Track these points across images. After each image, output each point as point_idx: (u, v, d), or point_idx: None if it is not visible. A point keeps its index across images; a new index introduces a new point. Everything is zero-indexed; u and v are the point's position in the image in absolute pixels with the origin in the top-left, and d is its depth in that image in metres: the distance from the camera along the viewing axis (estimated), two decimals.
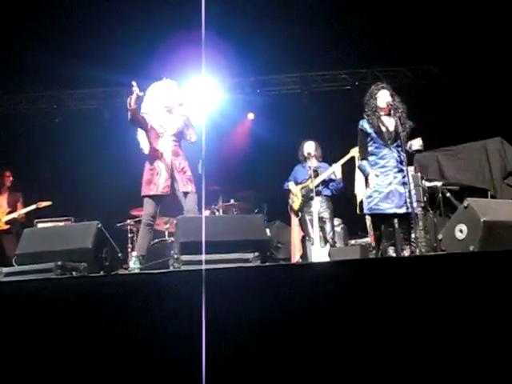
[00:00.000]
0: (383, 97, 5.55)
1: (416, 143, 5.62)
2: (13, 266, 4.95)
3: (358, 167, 5.88)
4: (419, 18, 7.89)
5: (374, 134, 5.49)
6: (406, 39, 8.24)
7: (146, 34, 8.01)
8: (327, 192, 7.12)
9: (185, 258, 4.43)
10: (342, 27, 8.19)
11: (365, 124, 5.55)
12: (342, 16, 8.04)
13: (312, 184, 6.86)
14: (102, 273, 4.73)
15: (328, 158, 7.33)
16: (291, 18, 7.98)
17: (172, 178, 5.53)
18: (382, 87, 5.63)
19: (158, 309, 3.65)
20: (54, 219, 7.66)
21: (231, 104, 9.49)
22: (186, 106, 5.78)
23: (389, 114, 5.53)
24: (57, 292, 3.91)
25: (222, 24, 7.10)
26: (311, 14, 8.00)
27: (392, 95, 5.58)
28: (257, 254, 4.54)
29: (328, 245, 6.80)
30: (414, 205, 5.38)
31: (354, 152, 6.62)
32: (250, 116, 9.90)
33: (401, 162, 5.38)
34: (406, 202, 5.30)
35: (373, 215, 5.55)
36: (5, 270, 4.75)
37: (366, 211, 5.54)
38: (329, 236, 6.91)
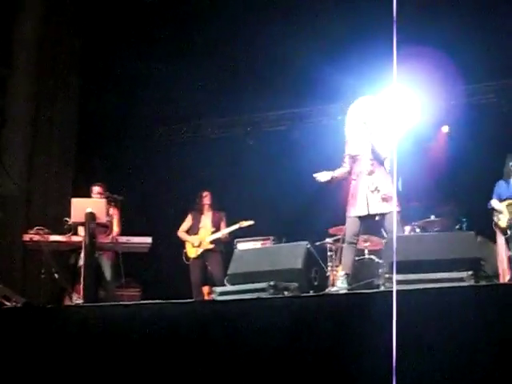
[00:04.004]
0: None
1: None
2: (224, 285, 5.17)
3: None
4: None
5: None
6: None
7: (335, 52, 8.06)
8: None
9: (397, 277, 4.30)
10: None
11: None
12: None
13: None
14: (311, 292, 4.78)
15: None
16: (494, 25, 7.59)
17: (367, 198, 5.47)
18: None
19: (370, 329, 3.61)
20: (253, 238, 7.88)
21: (426, 116, 9.16)
22: (369, 122, 5.65)
23: None
24: (271, 311, 4.04)
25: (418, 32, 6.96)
26: None
27: None
28: (470, 272, 4.35)
29: None
30: None
31: None
32: (445, 129, 9.50)
33: None
34: None
35: None
36: (218, 289, 4.97)
37: None
38: None
